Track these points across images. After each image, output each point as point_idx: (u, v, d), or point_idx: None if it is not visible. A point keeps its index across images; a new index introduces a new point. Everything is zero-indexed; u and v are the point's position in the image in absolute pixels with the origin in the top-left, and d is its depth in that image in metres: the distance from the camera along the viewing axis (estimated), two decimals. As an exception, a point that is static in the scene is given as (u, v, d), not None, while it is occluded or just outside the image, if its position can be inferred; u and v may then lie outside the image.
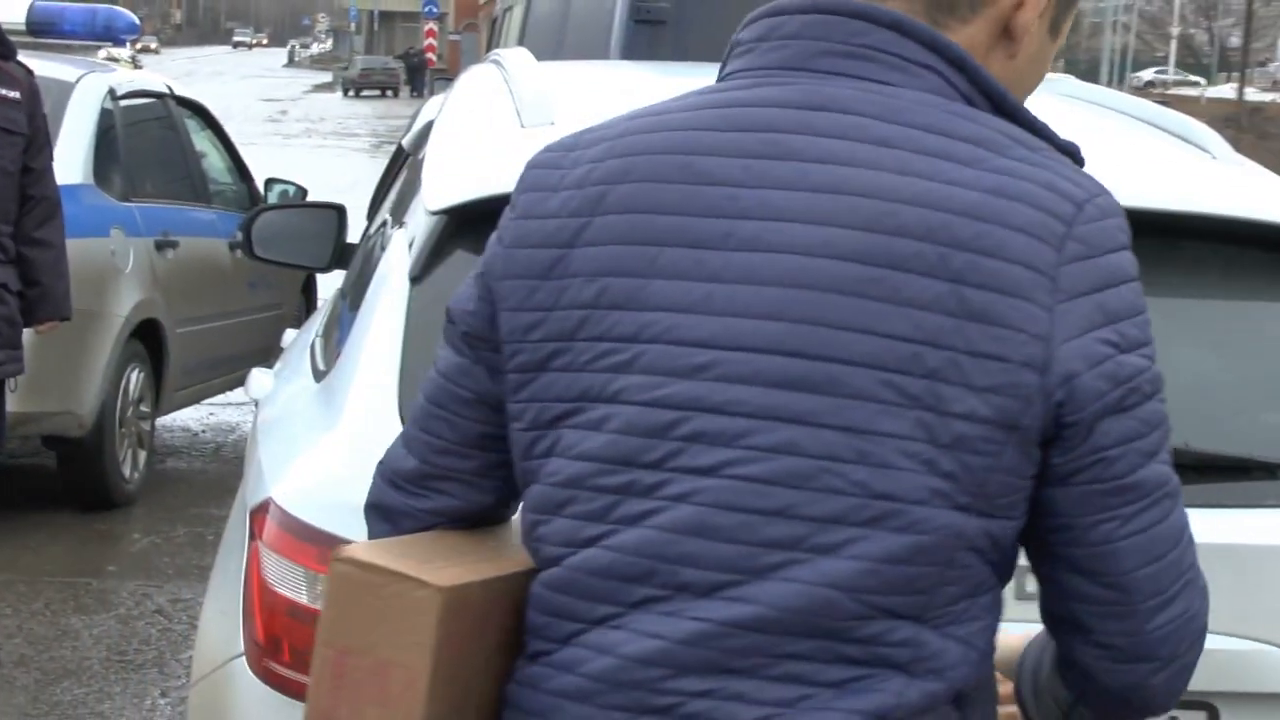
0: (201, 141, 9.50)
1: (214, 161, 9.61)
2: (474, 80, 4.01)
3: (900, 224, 1.69)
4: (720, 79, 1.90)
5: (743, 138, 1.78)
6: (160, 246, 8.20)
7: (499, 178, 3.09)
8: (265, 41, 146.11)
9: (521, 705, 1.79)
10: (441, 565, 1.82)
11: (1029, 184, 1.71)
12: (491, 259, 1.88)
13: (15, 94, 5.88)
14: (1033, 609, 1.90)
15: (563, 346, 1.79)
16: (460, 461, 1.93)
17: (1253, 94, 44.17)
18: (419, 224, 3.05)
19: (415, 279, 2.93)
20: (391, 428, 2.73)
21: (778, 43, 1.84)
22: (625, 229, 1.77)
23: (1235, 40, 30.26)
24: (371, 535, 1.99)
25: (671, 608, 1.72)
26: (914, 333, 1.67)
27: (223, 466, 8.82)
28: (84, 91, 8.05)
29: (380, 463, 2.01)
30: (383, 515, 1.99)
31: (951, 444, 1.67)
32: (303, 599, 2.65)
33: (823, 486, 1.68)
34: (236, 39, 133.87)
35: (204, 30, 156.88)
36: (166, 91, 9.21)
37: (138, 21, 10.62)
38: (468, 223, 2.97)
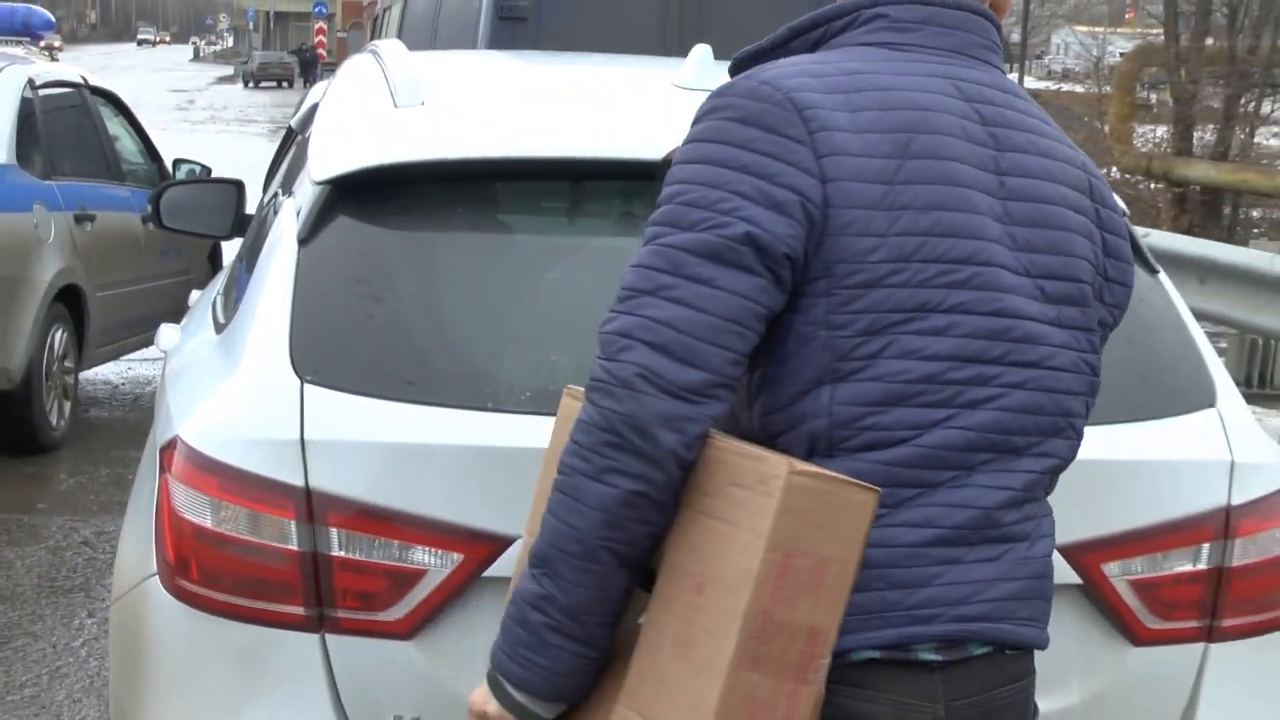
0: (115, 126, 9.36)
1: (126, 144, 9.46)
2: (354, 68, 3.97)
3: (1079, 181, 2.10)
4: (879, 44, 2.04)
5: (979, 108, 2.02)
6: (79, 220, 8.14)
7: (375, 151, 3.08)
8: (169, 39, 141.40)
9: (874, 561, 1.90)
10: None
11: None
12: (810, 189, 1.88)
13: None
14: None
15: (900, 266, 1.91)
16: (739, 370, 1.90)
17: (1031, 83, 44.95)
18: (306, 193, 3.03)
19: (303, 241, 2.90)
20: (283, 372, 2.73)
21: (941, 30, 2.05)
22: (940, 172, 1.95)
23: (1015, 36, 31.09)
24: (657, 450, 1.85)
25: (1002, 465, 1.99)
26: (1096, 260, 2.10)
27: (140, 415, 8.71)
28: (5, 81, 7.99)
29: (637, 381, 1.84)
30: (671, 425, 1.84)
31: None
32: (207, 523, 2.63)
33: (1081, 370, 2.07)
34: (141, 36, 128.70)
35: (116, 29, 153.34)
36: (82, 82, 9.09)
37: (53, 19, 10.42)
38: (348, 191, 2.95)
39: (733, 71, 2.08)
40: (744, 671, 1.82)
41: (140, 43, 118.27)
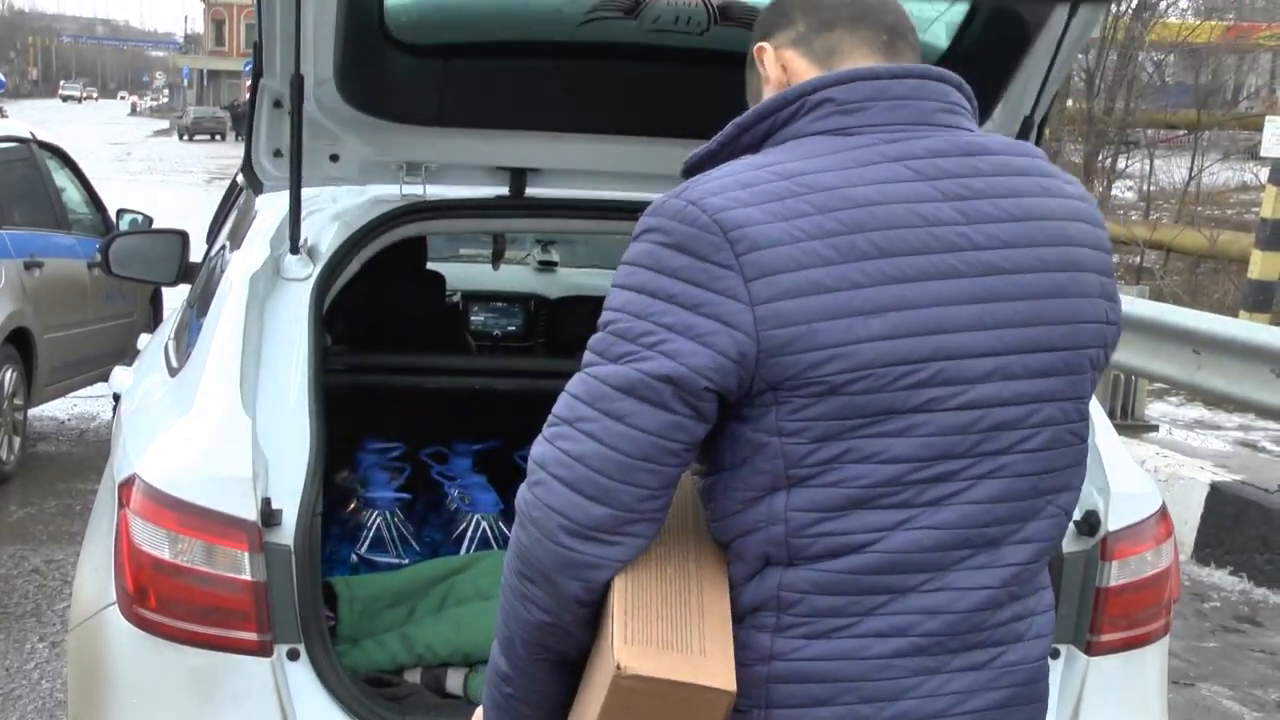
0: (61, 178, 9.22)
1: (72, 195, 9.33)
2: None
3: (1069, 234, 1.83)
4: (827, 132, 1.80)
5: (938, 184, 1.77)
6: (28, 266, 8.03)
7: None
8: (95, 95, 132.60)
9: (841, 675, 1.73)
10: (700, 651, 1.67)
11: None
12: (738, 316, 1.68)
13: None
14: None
15: (858, 374, 1.69)
16: (658, 504, 1.73)
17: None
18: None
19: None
20: (234, 414, 2.72)
21: (892, 104, 1.81)
22: (892, 270, 1.71)
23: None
24: (559, 593, 1.73)
25: (979, 562, 1.78)
26: (1099, 315, 1.85)
27: (86, 449, 8.57)
28: (-43, 139, 7.81)
29: (542, 521, 1.71)
30: (572, 574, 1.71)
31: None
32: (165, 555, 2.61)
33: (1066, 442, 1.84)
34: (64, 93, 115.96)
35: (55, 85, 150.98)
36: (30, 137, 8.96)
37: (3, 79, 10.28)
38: None
39: (684, 175, 1.89)
40: None
41: (65, 99, 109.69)
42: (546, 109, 3.28)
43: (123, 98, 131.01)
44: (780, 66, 1.92)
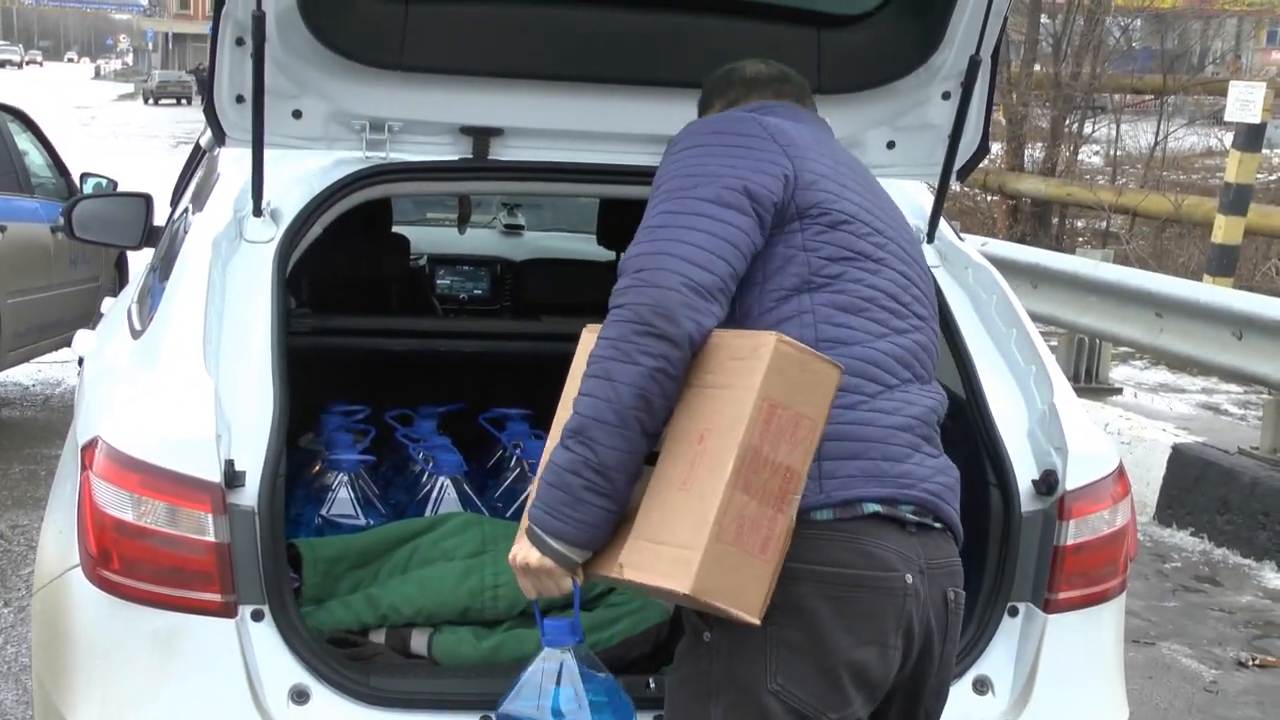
0: (23, 142, 9.14)
1: (35, 159, 9.25)
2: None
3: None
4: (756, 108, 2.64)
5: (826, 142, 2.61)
6: (-9, 231, 7.90)
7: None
8: (40, 60, 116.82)
9: (865, 437, 2.34)
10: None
11: None
12: (782, 158, 2.42)
13: None
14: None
15: (848, 219, 2.44)
16: (734, 285, 2.34)
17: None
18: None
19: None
20: (197, 377, 2.72)
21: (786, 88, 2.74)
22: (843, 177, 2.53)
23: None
24: (678, 331, 2.24)
25: (920, 388, 2.45)
26: None
27: (51, 414, 8.53)
28: (-82, 101, 7.67)
29: (663, 279, 2.25)
30: (690, 314, 2.24)
31: None
32: (128, 517, 2.61)
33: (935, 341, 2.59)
34: (2, 57, 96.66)
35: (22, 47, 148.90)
36: (-10, 101, 8.86)
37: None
38: None
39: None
40: (737, 492, 2.15)
41: (3, 64, 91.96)
42: (511, 56, 3.26)
43: (71, 60, 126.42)
44: None
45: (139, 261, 5.30)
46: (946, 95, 3.34)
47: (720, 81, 2.76)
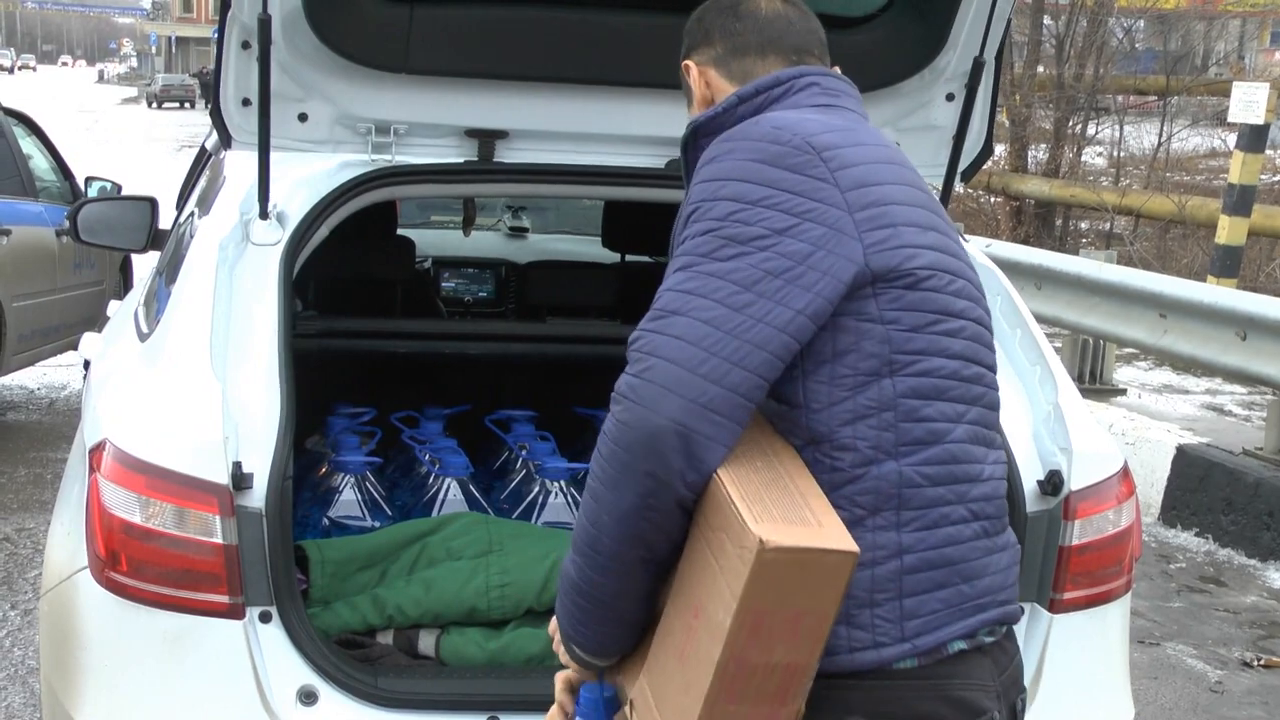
0: (28, 145, 9.15)
1: (39, 162, 9.26)
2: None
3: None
4: (821, 105, 2.12)
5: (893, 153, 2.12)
6: (-5, 234, 7.92)
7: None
8: (33, 65, 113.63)
9: (950, 560, 1.96)
10: (817, 524, 1.83)
11: None
12: (844, 222, 1.92)
13: None
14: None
15: (929, 272, 1.97)
16: (768, 384, 1.90)
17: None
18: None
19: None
20: (204, 379, 2.73)
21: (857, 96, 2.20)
22: (911, 203, 2.05)
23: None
24: (665, 472, 1.83)
25: (992, 457, 2.05)
26: None
27: (56, 418, 8.54)
28: (-77, 106, 7.68)
29: (660, 405, 1.82)
30: (686, 454, 1.83)
31: None
32: (136, 519, 2.62)
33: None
34: None
35: (21, 51, 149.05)
36: (-4, 104, 8.88)
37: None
38: None
39: (689, 139, 2.16)
40: (721, 704, 1.85)
41: None
42: (516, 58, 3.27)
43: (65, 64, 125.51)
44: (704, 84, 2.21)
45: (144, 265, 5.31)
46: (950, 97, 3.35)
47: (725, 13, 2.22)
